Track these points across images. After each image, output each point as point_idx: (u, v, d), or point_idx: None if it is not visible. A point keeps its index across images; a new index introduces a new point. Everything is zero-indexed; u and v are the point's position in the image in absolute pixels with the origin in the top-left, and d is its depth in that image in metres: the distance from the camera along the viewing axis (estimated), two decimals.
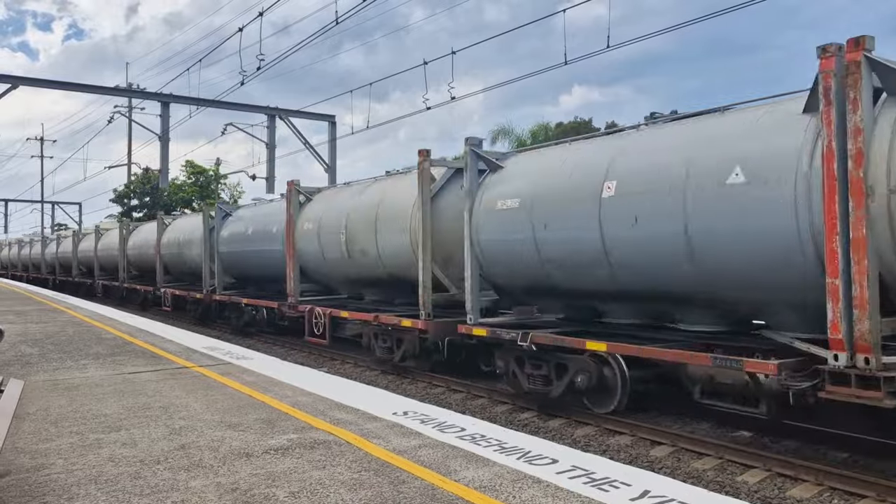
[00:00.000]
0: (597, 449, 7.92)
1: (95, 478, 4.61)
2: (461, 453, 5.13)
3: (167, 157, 30.06)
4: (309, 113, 32.91)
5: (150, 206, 52.39)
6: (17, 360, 9.66)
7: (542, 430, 8.84)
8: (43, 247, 46.02)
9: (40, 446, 5.35)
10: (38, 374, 8.51)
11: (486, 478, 4.56)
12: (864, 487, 6.24)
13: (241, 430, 5.80)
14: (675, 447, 7.78)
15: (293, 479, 4.56)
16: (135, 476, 4.64)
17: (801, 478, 6.61)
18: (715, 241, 7.20)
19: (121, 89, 35.31)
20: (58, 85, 29.81)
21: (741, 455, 7.24)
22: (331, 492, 4.32)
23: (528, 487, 4.37)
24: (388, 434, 5.67)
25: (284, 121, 32.05)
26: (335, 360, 14.68)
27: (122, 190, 55.64)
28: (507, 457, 5.02)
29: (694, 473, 7.04)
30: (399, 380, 12.30)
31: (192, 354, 10.22)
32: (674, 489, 4.41)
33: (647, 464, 7.38)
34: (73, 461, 4.97)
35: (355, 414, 6.39)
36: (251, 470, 4.76)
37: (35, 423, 6.05)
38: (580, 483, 4.44)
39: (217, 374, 8.53)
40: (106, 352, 10.51)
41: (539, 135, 36.93)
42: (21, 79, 27.41)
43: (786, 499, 6.31)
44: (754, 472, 6.90)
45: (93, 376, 8.36)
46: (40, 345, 11.36)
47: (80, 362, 9.48)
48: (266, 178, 32.27)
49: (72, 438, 5.57)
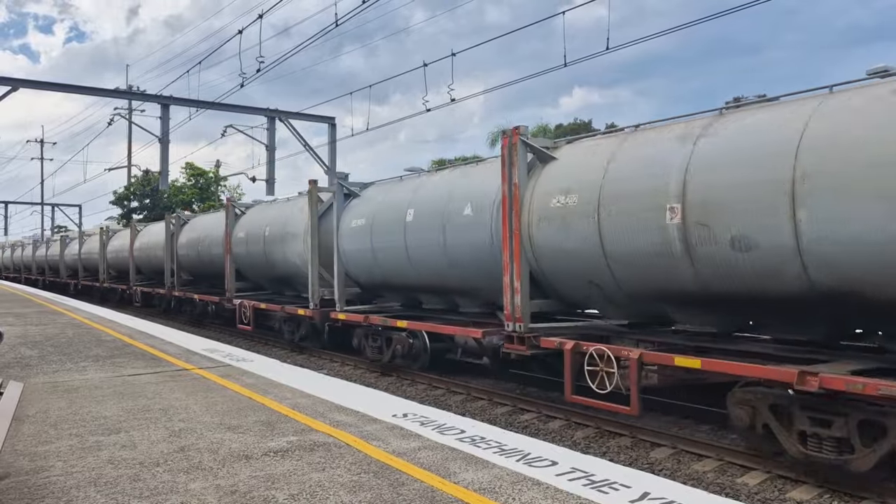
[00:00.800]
0: (597, 451, 7.91)
1: (95, 480, 4.60)
2: (461, 455, 5.12)
3: (167, 159, 30.03)
4: (309, 115, 32.90)
5: (151, 207, 52.40)
6: (16, 363, 9.65)
7: (541, 431, 8.84)
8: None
9: (40, 448, 5.34)
10: (38, 377, 8.50)
11: (486, 480, 4.56)
12: (863, 490, 6.23)
13: (241, 433, 5.80)
14: (675, 449, 7.77)
15: (293, 482, 4.55)
16: (134, 478, 4.63)
17: (801, 480, 6.60)
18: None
19: (121, 91, 35.32)
20: (58, 87, 29.80)
21: (741, 457, 7.24)
22: (330, 494, 4.32)
23: (527, 489, 4.37)
24: (388, 436, 5.67)
25: (284, 123, 32.05)
26: (335, 361, 14.70)
27: (122, 192, 55.66)
28: (507, 459, 5.01)
29: (694, 475, 7.03)
30: (399, 381, 12.30)
31: (192, 356, 10.22)
32: (674, 491, 4.41)
33: (647, 466, 7.38)
34: (72, 463, 4.97)
35: (355, 416, 6.38)
36: (250, 472, 4.76)
37: (34, 426, 6.04)
38: (580, 485, 4.43)
39: (217, 376, 8.53)
40: (105, 354, 10.51)
41: (538, 136, 36.89)
42: (21, 81, 27.39)
43: (786, 501, 6.31)
44: (754, 473, 6.90)
45: (92, 378, 8.36)
46: (40, 347, 11.36)
47: (79, 364, 9.47)
48: (266, 180, 32.26)
49: (71, 441, 5.56)
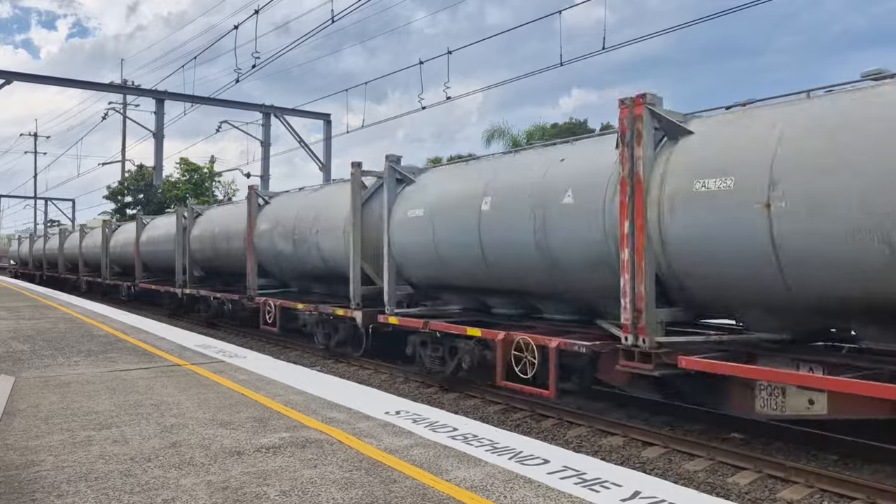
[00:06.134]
0: (588, 449, 7.93)
1: (85, 475, 4.59)
2: (453, 453, 5.12)
3: (161, 154, 29.94)
4: (304, 111, 32.84)
5: (144, 203, 52.17)
6: (8, 357, 9.61)
7: (534, 430, 8.86)
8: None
9: (30, 443, 5.32)
10: (30, 371, 8.47)
11: (478, 478, 4.56)
12: (854, 489, 6.27)
13: (233, 429, 5.79)
14: (667, 448, 7.79)
15: (284, 478, 4.55)
16: (125, 473, 4.62)
17: (791, 479, 6.63)
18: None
19: (115, 86, 35.23)
20: (52, 81, 29.70)
21: (732, 456, 7.26)
22: (322, 490, 4.32)
23: (519, 487, 4.38)
24: (380, 433, 5.67)
25: (280, 119, 32.01)
26: (328, 359, 14.67)
27: (115, 187, 55.40)
28: (499, 457, 5.02)
29: (685, 474, 7.05)
30: (392, 379, 12.29)
31: (185, 352, 10.19)
32: (665, 490, 4.42)
33: (638, 464, 7.40)
34: (63, 458, 4.95)
35: (347, 413, 6.38)
36: (242, 468, 4.75)
37: (25, 420, 6.02)
38: (571, 483, 4.44)
39: (210, 371, 8.51)
40: (98, 349, 10.47)
41: (535, 135, 36.82)
42: (15, 74, 27.26)
43: (776, 500, 6.33)
44: (745, 473, 6.92)
45: (84, 373, 8.33)
46: (32, 341, 11.31)
47: (71, 359, 9.44)
48: (261, 176, 32.22)
49: (62, 435, 5.54)
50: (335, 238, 14.01)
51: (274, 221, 16.63)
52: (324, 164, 31.96)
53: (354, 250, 13.04)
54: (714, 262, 7.20)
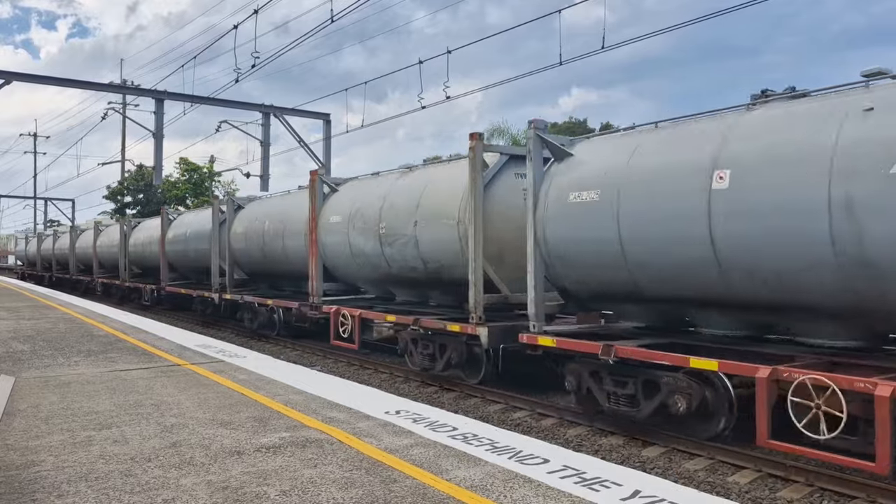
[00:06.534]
0: (588, 449, 7.93)
1: (86, 475, 4.59)
2: (453, 452, 5.13)
3: (161, 153, 29.86)
4: (303, 111, 32.81)
5: (144, 202, 52.20)
6: (8, 357, 9.62)
7: (534, 429, 8.85)
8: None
9: (31, 443, 5.33)
10: (30, 371, 8.47)
11: (478, 477, 4.57)
12: (854, 489, 6.27)
13: (233, 429, 5.79)
14: (667, 447, 7.79)
15: (284, 478, 4.55)
16: (125, 473, 4.62)
17: (791, 478, 6.63)
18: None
19: (114, 85, 35.16)
20: (51, 81, 29.61)
21: (732, 456, 7.26)
22: (322, 490, 4.32)
23: (519, 487, 4.38)
24: (380, 433, 5.67)
25: (279, 119, 31.97)
26: (328, 358, 14.66)
27: (115, 187, 55.44)
28: (499, 456, 5.02)
29: (685, 474, 7.05)
30: (392, 379, 12.30)
31: (185, 352, 10.20)
32: (665, 489, 4.42)
33: (638, 464, 7.40)
34: (63, 458, 4.95)
35: (347, 412, 6.38)
36: (242, 468, 4.75)
37: (25, 420, 6.02)
38: (571, 483, 4.44)
39: (210, 371, 8.51)
40: (98, 349, 10.47)
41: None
42: (15, 74, 27.19)
43: (776, 500, 6.33)
44: (745, 472, 6.92)
45: (84, 373, 8.33)
46: (32, 341, 11.32)
47: (71, 359, 9.44)
48: (261, 175, 32.18)
49: (62, 436, 5.55)
50: (445, 230, 11.09)
51: (348, 212, 13.53)
52: (323, 164, 31.95)
53: (476, 247, 10.26)
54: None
